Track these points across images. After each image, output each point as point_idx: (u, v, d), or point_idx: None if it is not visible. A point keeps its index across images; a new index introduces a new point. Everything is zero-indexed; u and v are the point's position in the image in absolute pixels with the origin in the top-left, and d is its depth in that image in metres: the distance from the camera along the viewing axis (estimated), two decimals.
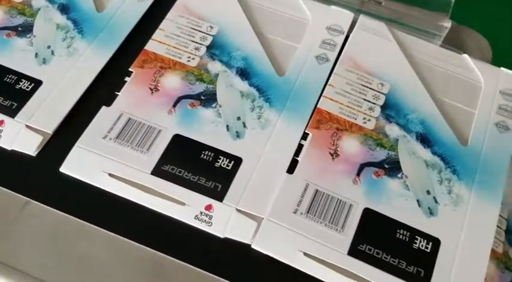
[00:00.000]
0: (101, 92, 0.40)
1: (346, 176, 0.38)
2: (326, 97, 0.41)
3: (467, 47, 0.50)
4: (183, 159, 0.37)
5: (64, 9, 0.44)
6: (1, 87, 0.39)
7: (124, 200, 0.36)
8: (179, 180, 0.36)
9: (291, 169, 0.38)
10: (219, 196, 0.36)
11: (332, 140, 0.39)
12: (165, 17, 0.44)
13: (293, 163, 0.38)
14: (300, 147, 0.39)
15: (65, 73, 0.40)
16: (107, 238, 0.35)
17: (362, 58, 0.44)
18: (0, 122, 0.37)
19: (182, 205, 0.35)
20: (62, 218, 0.35)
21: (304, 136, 0.39)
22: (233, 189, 0.36)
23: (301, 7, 0.46)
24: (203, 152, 0.38)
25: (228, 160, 0.38)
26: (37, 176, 0.36)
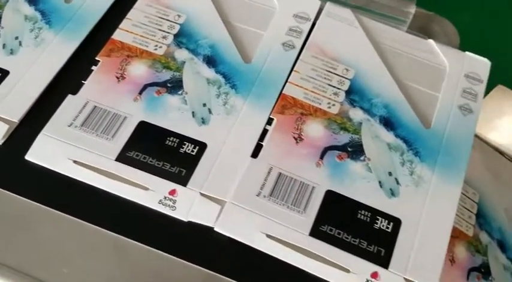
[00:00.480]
0: (68, 81, 0.40)
1: (309, 160, 0.38)
2: (291, 83, 0.42)
3: (434, 33, 0.51)
4: (148, 145, 0.38)
5: (32, 0, 0.44)
6: None
7: (89, 187, 0.36)
8: (144, 166, 0.37)
9: (255, 153, 0.38)
10: (183, 181, 0.37)
11: (296, 125, 0.40)
12: (133, 7, 0.44)
13: (257, 148, 0.38)
14: (265, 132, 0.39)
15: (32, 63, 0.40)
16: (72, 224, 0.35)
17: (328, 45, 0.44)
18: None
19: (146, 190, 0.36)
20: (27, 205, 0.36)
21: (269, 121, 0.40)
22: (197, 174, 0.37)
23: None
24: (168, 138, 0.38)
25: (193, 146, 0.38)
26: (2, 164, 0.37)
